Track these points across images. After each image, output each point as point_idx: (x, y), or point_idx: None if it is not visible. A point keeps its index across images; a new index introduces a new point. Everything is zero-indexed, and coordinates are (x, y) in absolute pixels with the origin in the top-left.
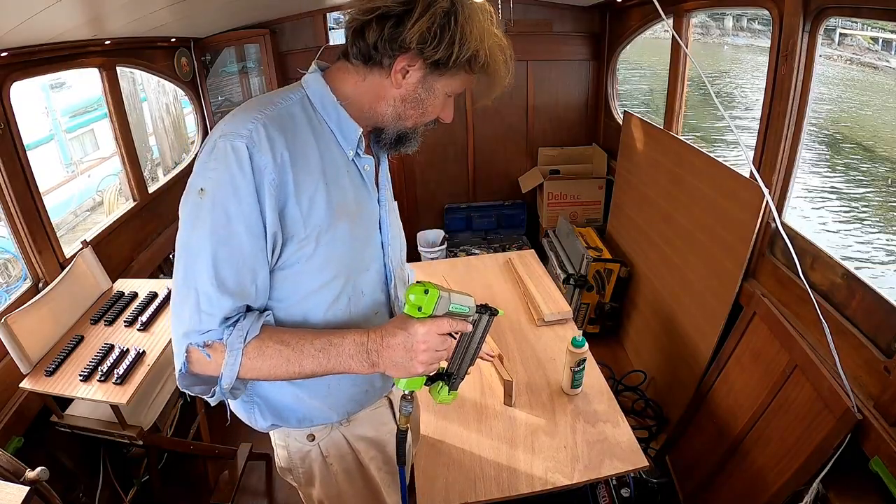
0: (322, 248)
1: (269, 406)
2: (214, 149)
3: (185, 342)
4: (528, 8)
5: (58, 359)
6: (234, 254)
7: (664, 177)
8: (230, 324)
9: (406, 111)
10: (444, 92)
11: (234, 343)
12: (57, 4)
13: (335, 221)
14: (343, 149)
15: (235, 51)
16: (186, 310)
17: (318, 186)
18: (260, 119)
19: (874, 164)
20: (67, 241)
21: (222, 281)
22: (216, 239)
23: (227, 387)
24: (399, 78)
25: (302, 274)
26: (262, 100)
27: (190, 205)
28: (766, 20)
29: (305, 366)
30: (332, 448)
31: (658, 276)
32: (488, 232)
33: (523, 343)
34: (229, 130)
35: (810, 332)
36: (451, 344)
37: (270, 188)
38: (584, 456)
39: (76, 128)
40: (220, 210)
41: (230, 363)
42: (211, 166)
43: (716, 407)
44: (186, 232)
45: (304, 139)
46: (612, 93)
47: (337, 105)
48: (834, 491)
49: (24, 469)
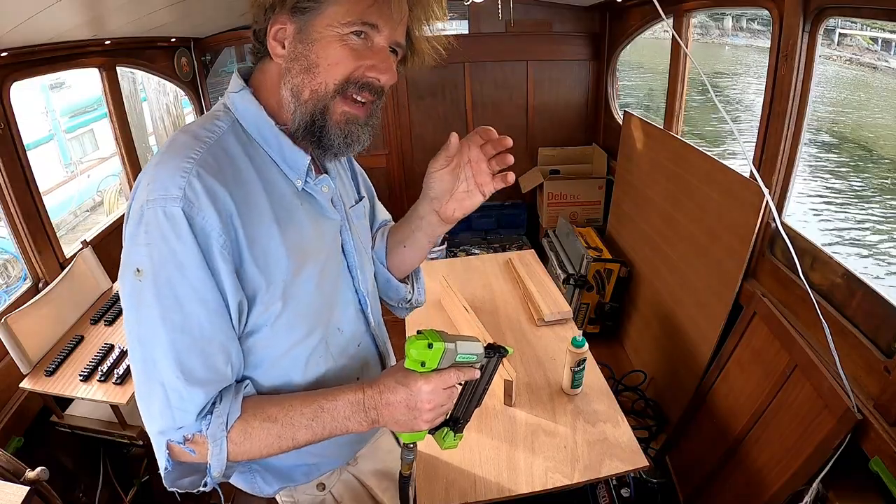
0: (290, 303)
1: (270, 471)
2: (143, 218)
3: (162, 440)
4: (528, 8)
5: (58, 359)
6: (196, 339)
7: (664, 177)
8: (206, 412)
9: (295, 78)
10: (332, 32)
11: (215, 433)
12: (57, 4)
13: (299, 269)
14: (289, 178)
15: (235, 51)
16: (156, 407)
17: (270, 233)
18: (190, 168)
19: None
20: (67, 241)
21: (189, 373)
22: (170, 327)
23: (218, 476)
24: (277, 47)
25: (272, 336)
26: (185, 136)
27: (128, 287)
28: (766, 20)
29: (299, 438)
30: (346, 492)
31: (658, 276)
32: (488, 232)
33: (523, 343)
34: (157, 193)
35: (810, 332)
36: (458, 391)
37: (222, 252)
38: (584, 456)
39: (75, 128)
40: (165, 292)
41: (216, 454)
42: (142, 240)
43: (716, 407)
44: (132, 320)
45: (246, 178)
46: (612, 93)
47: (276, 132)
48: (834, 491)
49: (24, 469)
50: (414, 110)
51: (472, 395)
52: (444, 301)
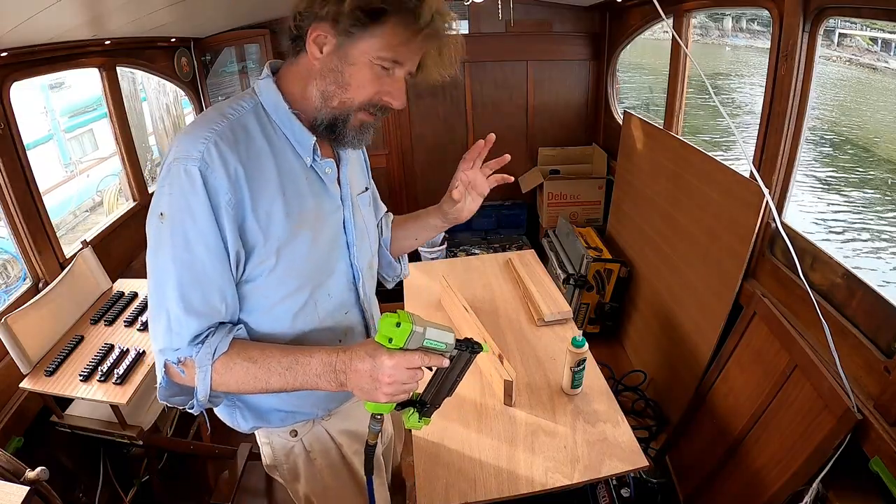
0: (283, 260)
1: (249, 409)
2: (169, 172)
3: (161, 358)
4: (528, 8)
5: (58, 359)
6: (198, 276)
7: (664, 177)
8: (199, 341)
9: (328, 87)
10: (366, 59)
11: (202, 360)
12: (57, 4)
13: (295, 231)
14: (300, 156)
15: (235, 51)
16: (160, 328)
17: (274, 198)
18: (210, 137)
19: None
20: (67, 241)
21: (188, 302)
22: (179, 263)
23: (203, 400)
24: (316, 51)
25: (265, 287)
26: (214, 113)
27: (153, 227)
28: (766, 21)
29: (272, 383)
30: (316, 443)
31: (658, 276)
32: (488, 232)
33: (523, 343)
34: (182, 153)
35: (810, 332)
36: (423, 376)
37: (227, 208)
38: (584, 456)
39: (75, 127)
40: (179, 234)
41: (201, 378)
42: (167, 190)
43: (716, 407)
44: (152, 254)
45: (259, 150)
46: (612, 93)
47: (290, 114)
48: (834, 491)
49: (24, 469)
50: (414, 110)
51: (442, 384)
52: (444, 301)
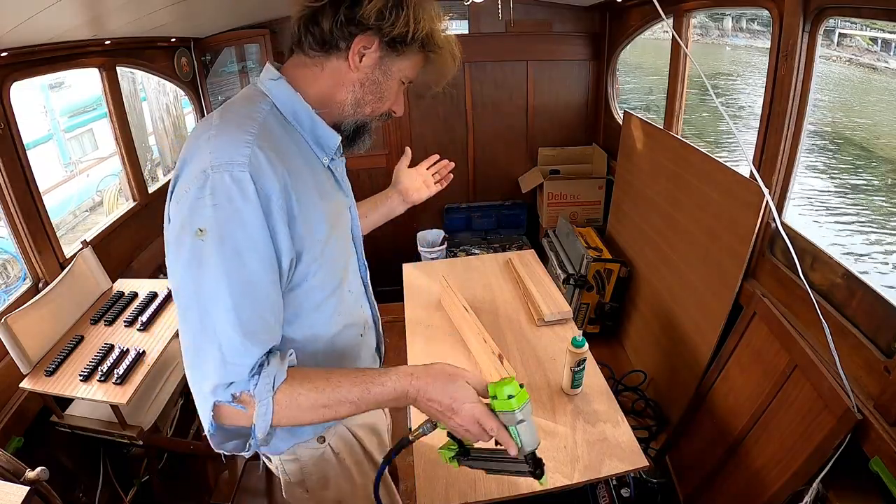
0: (325, 263)
1: (286, 429)
2: (208, 182)
3: (211, 399)
4: (528, 8)
5: (58, 359)
6: (254, 292)
7: (664, 177)
8: (256, 371)
9: (364, 96)
10: (399, 76)
11: (262, 393)
12: (57, 4)
13: (330, 233)
14: (317, 156)
15: (235, 51)
16: (210, 365)
17: (315, 201)
18: (252, 141)
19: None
20: (67, 241)
21: (247, 326)
22: (232, 282)
23: (263, 436)
24: (357, 60)
25: (309, 291)
26: (236, 116)
27: (188, 248)
28: (766, 21)
29: (342, 412)
30: (341, 443)
31: (658, 276)
32: (488, 232)
33: (523, 343)
34: (223, 160)
35: (810, 332)
36: (485, 438)
37: (280, 214)
38: (584, 456)
39: (75, 127)
40: (230, 250)
41: (262, 413)
42: (208, 202)
43: (716, 407)
44: (192, 279)
45: (292, 154)
46: (612, 93)
47: (312, 114)
48: (834, 491)
49: (24, 469)
50: (414, 110)
51: (493, 460)
52: (444, 301)
